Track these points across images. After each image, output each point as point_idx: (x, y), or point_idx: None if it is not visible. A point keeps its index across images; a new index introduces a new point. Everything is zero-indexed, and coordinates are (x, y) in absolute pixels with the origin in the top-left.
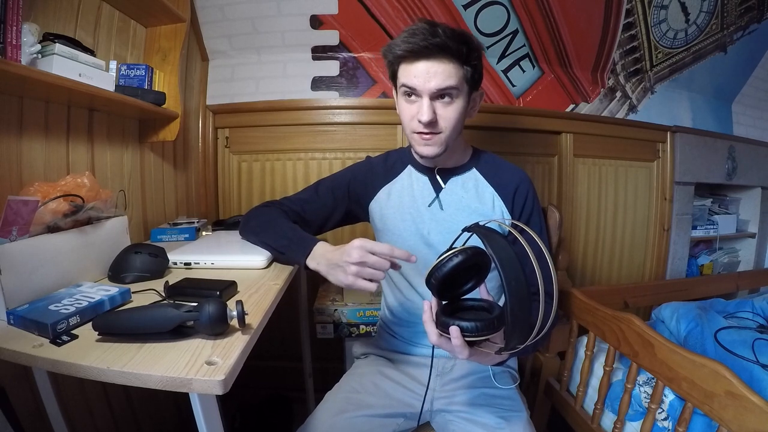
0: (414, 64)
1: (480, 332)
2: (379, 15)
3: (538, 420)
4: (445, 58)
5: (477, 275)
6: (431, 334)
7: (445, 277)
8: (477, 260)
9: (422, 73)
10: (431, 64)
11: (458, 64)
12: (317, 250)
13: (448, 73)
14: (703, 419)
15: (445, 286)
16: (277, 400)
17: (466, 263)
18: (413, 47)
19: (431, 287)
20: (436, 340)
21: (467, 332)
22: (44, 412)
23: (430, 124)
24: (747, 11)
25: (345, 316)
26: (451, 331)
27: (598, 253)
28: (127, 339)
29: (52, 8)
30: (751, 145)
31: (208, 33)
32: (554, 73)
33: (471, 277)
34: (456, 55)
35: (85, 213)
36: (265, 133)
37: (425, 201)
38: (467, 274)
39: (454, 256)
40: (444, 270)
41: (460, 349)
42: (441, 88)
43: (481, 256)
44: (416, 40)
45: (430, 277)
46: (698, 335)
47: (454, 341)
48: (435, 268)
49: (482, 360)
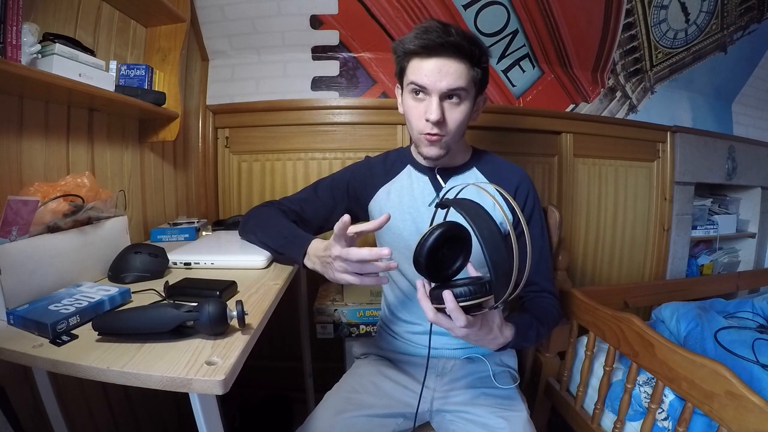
0: (426, 60)
1: (473, 295)
2: (379, 15)
3: (538, 420)
4: (458, 57)
5: (462, 252)
6: (427, 310)
7: (430, 252)
8: (456, 233)
9: (434, 72)
10: (444, 63)
11: (469, 66)
12: (310, 249)
13: (460, 74)
14: (703, 419)
15: (434, 265)
16: (277, 400)
17: (445, 235)
18: (428, 43)
19: (419, 267)
20: (433, 316)
21: (460, 297)
22: (44, 412)
23: (438, 124)
24: (747, 11)
25: (345, 316)
26: (444, 296)
27: (598, 253)
28: (127, 339)
29: (52, 8)
30: (751, 145)
31: (208, 33)
32: (554, 73)
33: (457, 255)
34: (468, 56)
35: (85, 213)
36: (265, 133)
37: (425, 200)
38: (452, 253)
39: (433, 231)
40: (427, 245)
41: (457, 314)
42: (452, 88)
43: (460, 229)
44: (431, 37)
45: (416, 257)
46: (698, 335)
47: (449, 305)
48: (418, 246)
49: (482, 338)
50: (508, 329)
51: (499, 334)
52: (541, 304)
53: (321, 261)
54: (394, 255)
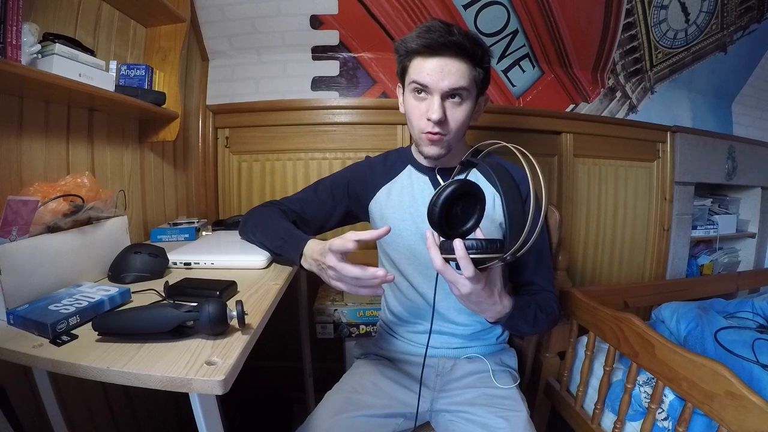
0: (428, 60)
1: (484, 250)
2: (379, 15)
3: (538, 420)
4: (460, 57)
5: (475, 213)
6: (435, 258)
7: (445, 205)
8: (472, 190)
9: (436, 71)
10: (446, 62)
11: (471, 65)
12: (307, 250)
13: (462, 73)
14: (703, 419)
15: (446, 220)
16: (277, 400)
17: (461, 190)
18: (430, 42)
19: (432, 220)
20: (441, 264)
21: (471, 249)
22: (44, 412)
23: (440, 124)
24: (747, 11)
25: (345, 316)
26: (455, 243)
27: (598, 253)
28: (127, 339)
29: (52, 8)
30: (751, 145)
31: (208, 33)
32: (554, 73)
33: (470, 216)
34: (471, 55)
35: (85, 213)
36: (265, 133)
37: (426, 200)
38: (465, 213)
39: (449, 184)
40: (442, 197)
41: (465, 263)
42: (453, 88)
43: (475, 188)
44: (434, 36)
45: (431, 208)
46: (698, 335)
47: (458, 252)
48: (434, 198)
49: (483, 300)
50: (507, 299)
51: (498, 300)
52: (541, 296)
53: (317, 264)
54: (393, 254)
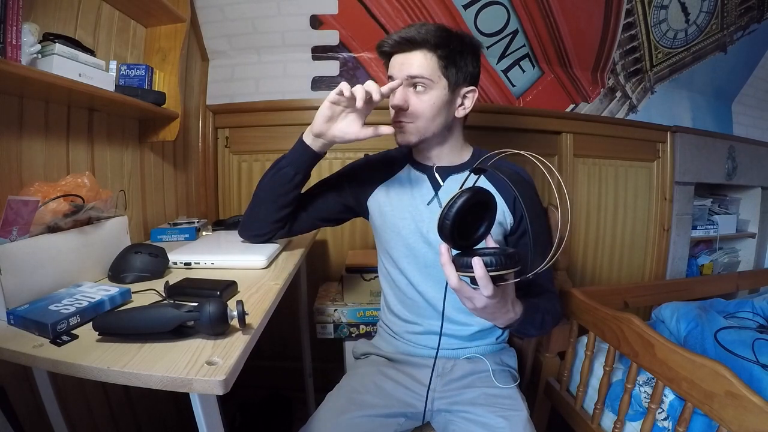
0: (396, 56)
1: (502, 266)
2: (379, 15)
3: (538, 420)
4: (415, 49)
5: (486, 220)
6: (451, 275)
7: (457, 217)
8: (483, 198)
9: (398, 64)
10: (405, 56)
11: (431, 56)
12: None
13: (419, 64)
14: (703, 419)
15: (458, 230)
16: (277, 400)
17: (473, 200)
18: (389, 42)
19: (443, 233)
20: (456, 283)
21: (488, 267)
22: (44, 412)
23: (400, 110)
24: (747, 11)
25: (345, 316)
26: (474, 262)
27: (598, 253)
28: (127, 339)
29: (52, 8)
30: (751, 145)
31: (208, 33)
32: (554, 73)
33: (480, 223)
34: (427, 47)
35: (85, 213)
36: (265, 133)
37: (424, 199)
38: (475, 220)
39: (461, 194)
40: (455, 209)
41: (485, 282)
42: (411, 75)
43: (487, 195)
44: (392, 37)
45: (442, 220)
46: (698, 335)
47: (478, 272)
48: (445, 210)
49: (497, 310)
50: (518, 305)
51: (511, 308)
52: (544, 297)
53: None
54: (393, 253)
